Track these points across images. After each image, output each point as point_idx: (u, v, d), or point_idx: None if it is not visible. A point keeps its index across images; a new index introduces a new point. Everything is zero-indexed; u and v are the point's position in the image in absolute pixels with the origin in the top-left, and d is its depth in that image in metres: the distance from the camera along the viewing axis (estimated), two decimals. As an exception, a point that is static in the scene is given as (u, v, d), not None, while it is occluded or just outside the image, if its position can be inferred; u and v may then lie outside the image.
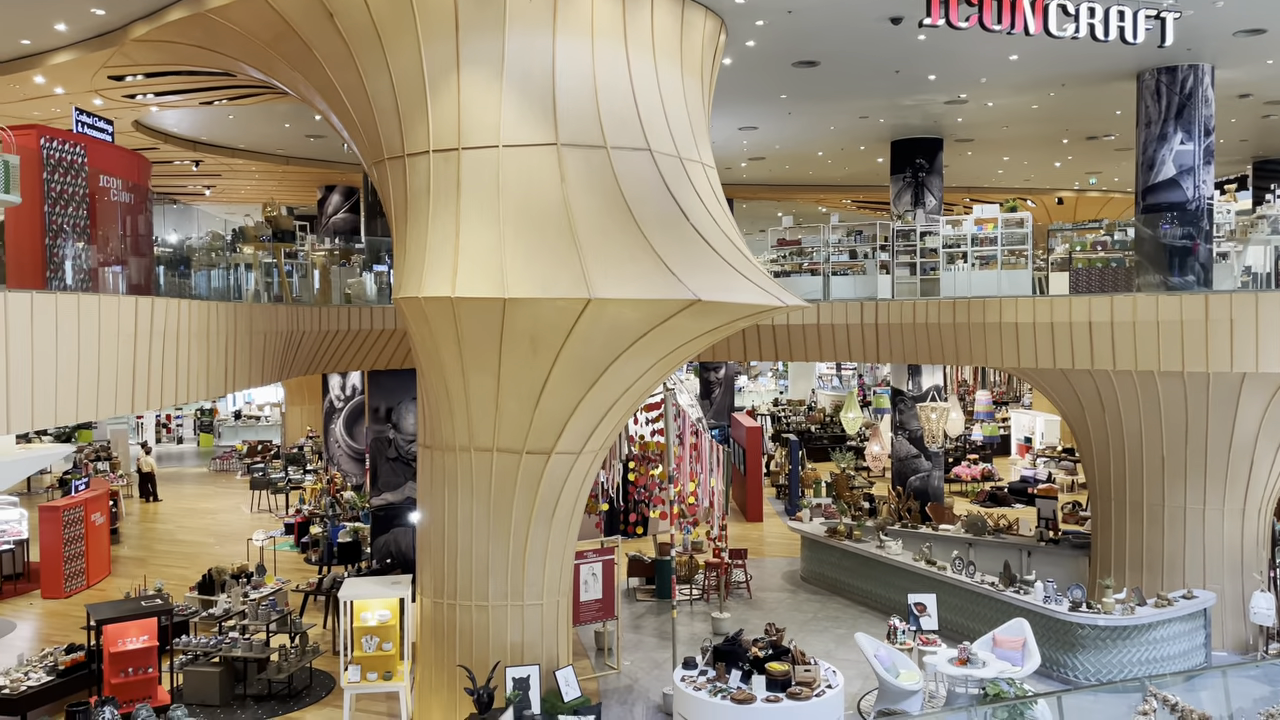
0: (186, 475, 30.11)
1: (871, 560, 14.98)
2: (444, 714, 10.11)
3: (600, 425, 9.89)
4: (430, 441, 10.38)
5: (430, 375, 10.01)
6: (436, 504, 10.29)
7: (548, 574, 10.24)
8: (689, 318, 8.76)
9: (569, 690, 10.02)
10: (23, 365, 6.53)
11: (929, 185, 18.43)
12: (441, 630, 10.24)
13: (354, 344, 14.01)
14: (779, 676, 9.57)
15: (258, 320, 10.89)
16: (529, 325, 9.00)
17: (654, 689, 11.93)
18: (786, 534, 20.21)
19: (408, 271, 9.63)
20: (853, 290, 15.90)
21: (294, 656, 11.80)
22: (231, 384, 10.08)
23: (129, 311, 7.83)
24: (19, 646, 13.84)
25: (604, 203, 8.98)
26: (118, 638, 9.79)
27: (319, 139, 17.86)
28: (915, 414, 18.35)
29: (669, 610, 15.14)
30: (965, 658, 10.73)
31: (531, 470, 9.89)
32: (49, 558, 16.15)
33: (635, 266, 8.72)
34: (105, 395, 7.45)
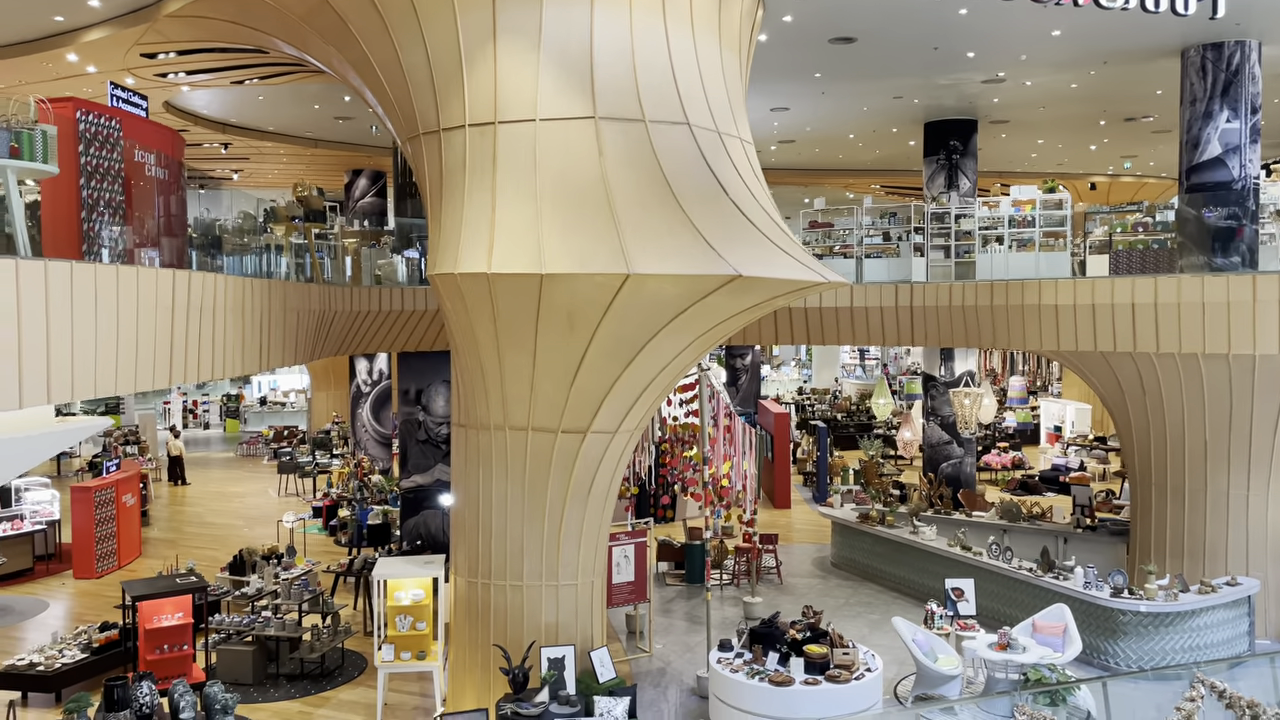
0: (213, 460, 30.28)
1: (904, 546, 14.80)
2: (477, 694, 10.04)
3: (636, 404, 9.77)
4: (464, 420, 10.30)
5: (465, 353, 9.92)
6: (471, 483, 10.20)
7: (582, 554, 10.14)
8: (729, 294, 8.61)
9: (604, 671, 9.92)
10: (62, 336, 6.47)
11: (963, 167, 18.15)
12: (475, 610, 10.17)
13: (385, 325, 13.95)
14: (817, 659, 9.44)
15: (291, 298, 10.83)
16: (566, 302, 8.88)
17: (687, 672, 11.83)
18: (814, 521, 20.06)
19: (443, 248, 9.52)
20: (886, 273, 15.70)
21: (326, 636, 11.78)
22: (266, 361, 10.03)
23: (166, 284, 7.77)
24: (52, 625, 13.93)
25: (642, 177, 8.83)
26: (153, 614, 9.79)
27: (348, 121, 17.80)
28: (948, 400, 18.12)
29: (699, 595, 15.08)
30: (1005, 643, 10.56)
31: (566, 449, 9.78)
32: (81, 538, 16.24)
33: (674, 241, 8.57)
34: (144, 367, 7.40)
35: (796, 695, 9.20)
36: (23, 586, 15.88)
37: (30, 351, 6.18)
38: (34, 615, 14.51)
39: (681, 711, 10.72)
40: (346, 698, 11.16)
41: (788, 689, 9.21)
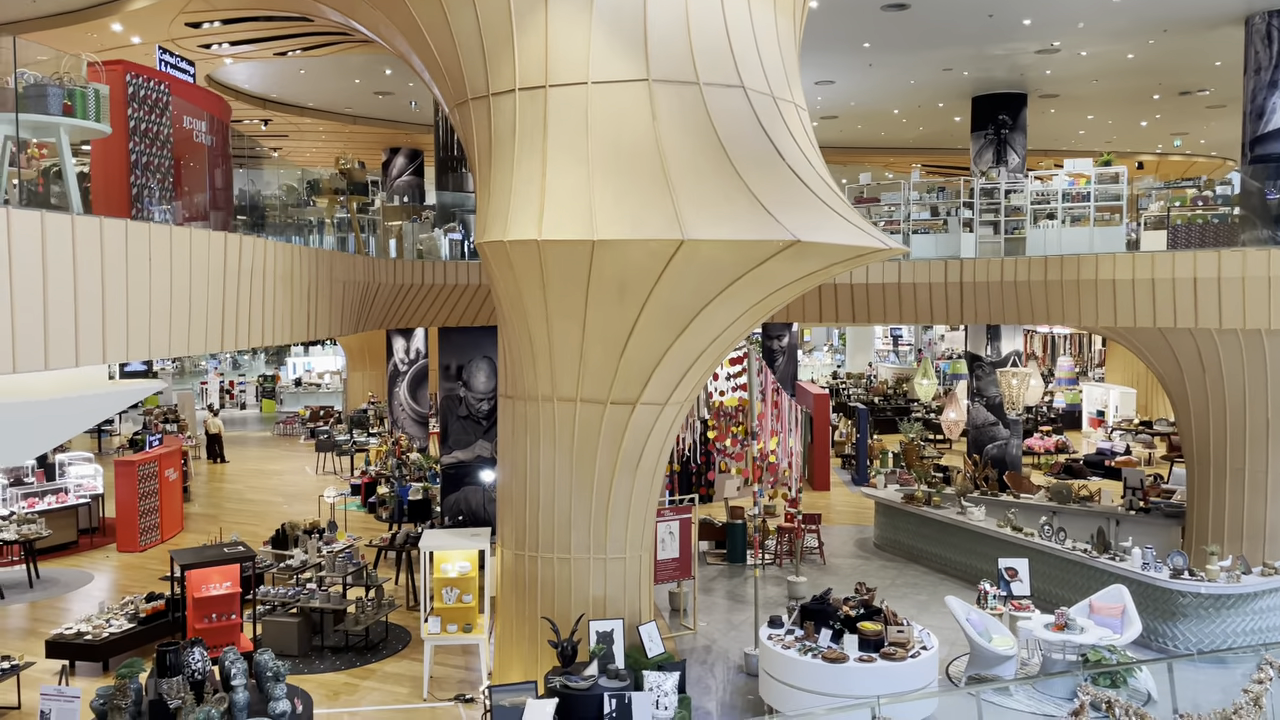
0: (250, 439, 30.49)
1: (951, 526, 14.54)
2: (524, 667, 9.94)
3: (687, 375, 9.58)
4: (511, 391, 10.17)
5: (513, 323, 9.77)
6: (518, 455, 10.08)
7: (630, 528, 9.99)
8: (786, 260, 8.39)
9: (652, 646, 9.79)
10: (117, 295, 6.39)
11: (1012, 142, 17.74)
12: (522, 583, 10.06)
13: (427, 299, 13.86)
14: (872, 636, 9.24)
15: (337, 268, 10.74)
16: (617, 269, 8.70)
17: (733, 649, 11.67)
18: (854, 503, 19.82)
19: (491, 215, 9.38)
20: (934, 249, 15.38)
21: (370, 609, 11.74)
22: (313, 329, 9.95)
23: (218, 247, 7.68)
24: (96, 597, 14.03)
25: (697, 141, 8.62)
26: (201, 583, 9.77)
27: (387, 96, 17.70)
28: (993, 380, 17.78)
29: (740, 574, 14.92)
30: (1063, 623, 10.31)
31: (616, 421, 9.62)
32: (125, 511, 16.34)
33: (730, 207, 8.36)
34: (195, 331, 7.32)
35: (851, 672, 9.02)
36: (67, 559, 16.01)
37: (86, 310, 6.10)
38: (79, 587, 14.62)
39: (730, 688, 10.57)
40: (391, 670, 11.12)
41: (842, 666, 9.02)
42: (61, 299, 5.89)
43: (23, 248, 5.57)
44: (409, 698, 10.37)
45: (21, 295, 5.57)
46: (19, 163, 7.25)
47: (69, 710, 7.55)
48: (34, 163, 8.29)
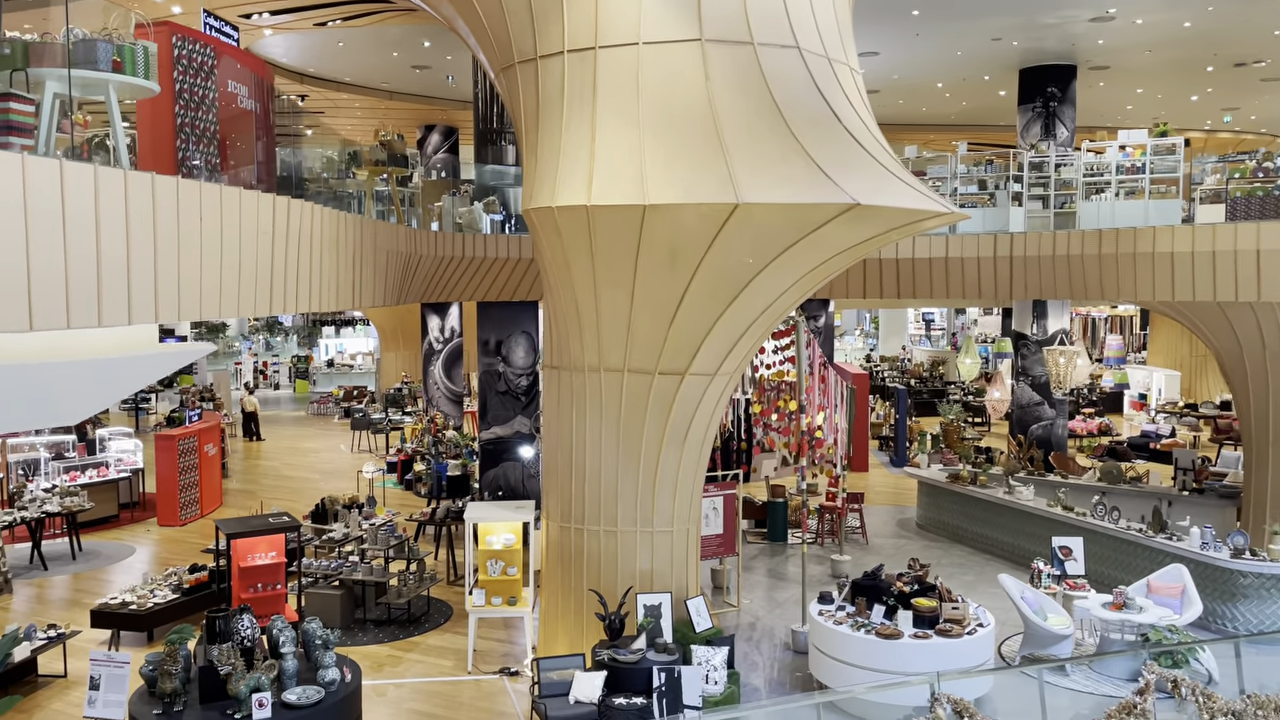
0: (284, 418, 30.64)
1: (998, 506, 14.26)
2: (570, 640, 9.82)
3: (737, 345, 9.38)
4: (557, 362, 10.01)
5: (559, 292, 9.61)
6: (563, 427, 9.93)
7: (678, 501, 9.82)
8: (843, 225, 8.15)
9: (700, 621, 9.63)
10: (169, 254, 6.29)
11: (1061, 115, 17.31)
12: (568, 556, 9.93)
13: (467, 272, 13.73)
14: (927, 613, 9.03)
15: (381, 237, 10.62)
16: (668, 235, 8.50)
17: (778, 627, 11.50)
18: (893, 483, 19.56)
19: (539, 181, 9.21)
20: (982, 224, 15.04)
21: (412, 583, 11.68)
22: (358, 298, 9.84)
23: (267, 209, 7.57)
24: (138, 569, 14.09)
25: (751, 103, 8.39)
26: (247, 553, 9.73)
27: (424, 70, 17.56)
28: (1040, 359, 17.41)
29: (781, 552, 14.74)
30: (1121, 602, 10.05)
31: (664, 392, 9.45)
32: (165, 486, 16.41)
33: (786, 169, 8.14)
34: (245, 293, 7.22)
35: (905, 649, 8.81)
36: (109, 532, 16.11)
37: (138, 267, 6.00)
38: (121, 559, 14.69)
39: (777, 665, 10.40)
40: (434, 643, 11.04)
41: (896, 642, 8.82)
42: (114, 255, 5.78)
43: (75, 202, 5.47)
44: (453, 670, 10.29)
45: (75, 250, 5.46)
46: (64, 128, 7.16)
47: (119, 676, 7.51)
48: (79, 130, 8.22)
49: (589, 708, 8.55)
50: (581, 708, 8.56)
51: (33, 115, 6.17)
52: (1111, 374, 26.68)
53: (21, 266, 5.11)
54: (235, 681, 7.18)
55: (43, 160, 5.31)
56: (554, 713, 8.47)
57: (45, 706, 9.54)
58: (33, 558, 14.19)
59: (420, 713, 9.29)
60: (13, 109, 6.01)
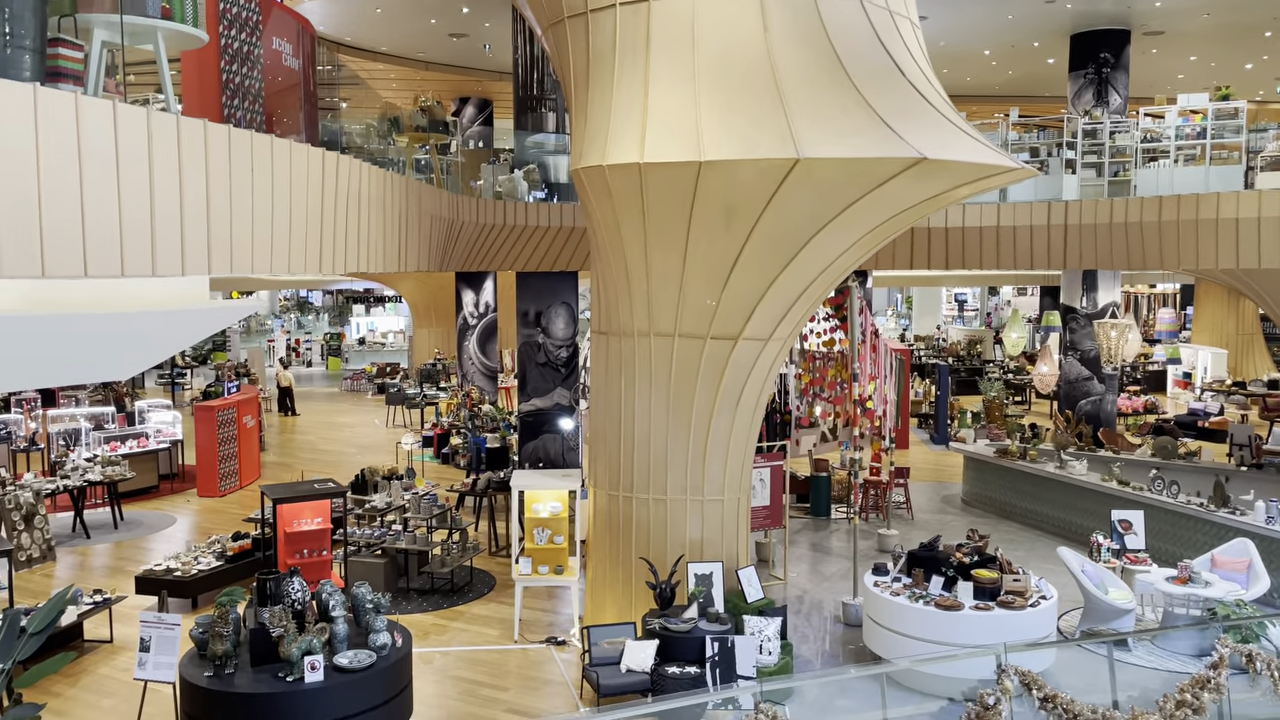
0: (317, 394, 30.71)
1: (1049, 481, 13.93)
2: (618, 609, 9.65)
3: (792, 309, 9.12)
4: (605, 327, 9.80)
5: (609, 255, 9.38)
6: (612, 393, 9.73)
7: (729, 469, 9.61)
8: (909, 180, 7.85)
9: (752, 591, 9.43)
10: (221, 204, 6.12)
11: (1113, 82, 16.80)
12: (616, 524, 9.75)
13: (509, 240, 13.54)
14: (988, 584, 8.77)
15: (425, 201, 10.44)
16: (724, 193, 8.25)
17: (826, 600, 11.28)
18: (933, 460, 19.24)
19: (589, 139, 8.97)
20: (1034, 191, 14.63)
21: (456, 552, 11.56)
22: (404, 261, 9.66)
23: (317, 164, 7.39)
24: (180, 538, 14.09)
25: (811, 54, 8.10)
26: (293, 518, 9.63)
27: (461, 38, 17.33)
28: (1089, 333, 16.99)
29: (825, 527, 14.50)
30: (1186, 576, 9.74)
31: (715, 357, 9.21)
32: (204, 457, 16.41)
33: (849, 122, 7.85)
34: (296, 248, 7.05)
35: (966, 620, 8.56)
36: (149, 503, 16.14)
37: (191, 217, 5.83)
38: (162, 529, 14.70)
39: (829, 638, 10.18)
40: (479, 612, 10.92)
41: (956, 614, 8.58)
42: (167, 202, 5.62)
43: (129, 144, 5.30)
44: (499, 639, 10.16)
45: (129, 194, 5.30)
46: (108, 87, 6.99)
47: (169, 638, 7.42)
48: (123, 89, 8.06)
49: (641, 677, 8.39)
50: (633, 677, 8.40)
51: (81, 63, 6.01)
52: (1164, 348, 26.07)
53: (76, 209, 4.95)
54: (287, 644, 7.06)
55: (97, 100, 5.14)
56: (606, 681, 8.31)
57: (92, 671, 9.50)
58: (75, 526, 14.23)
59: (467, 680, 9.16)
60: (62, 55, 5.84)
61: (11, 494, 12.59)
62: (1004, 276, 35.15)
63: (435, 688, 8.96)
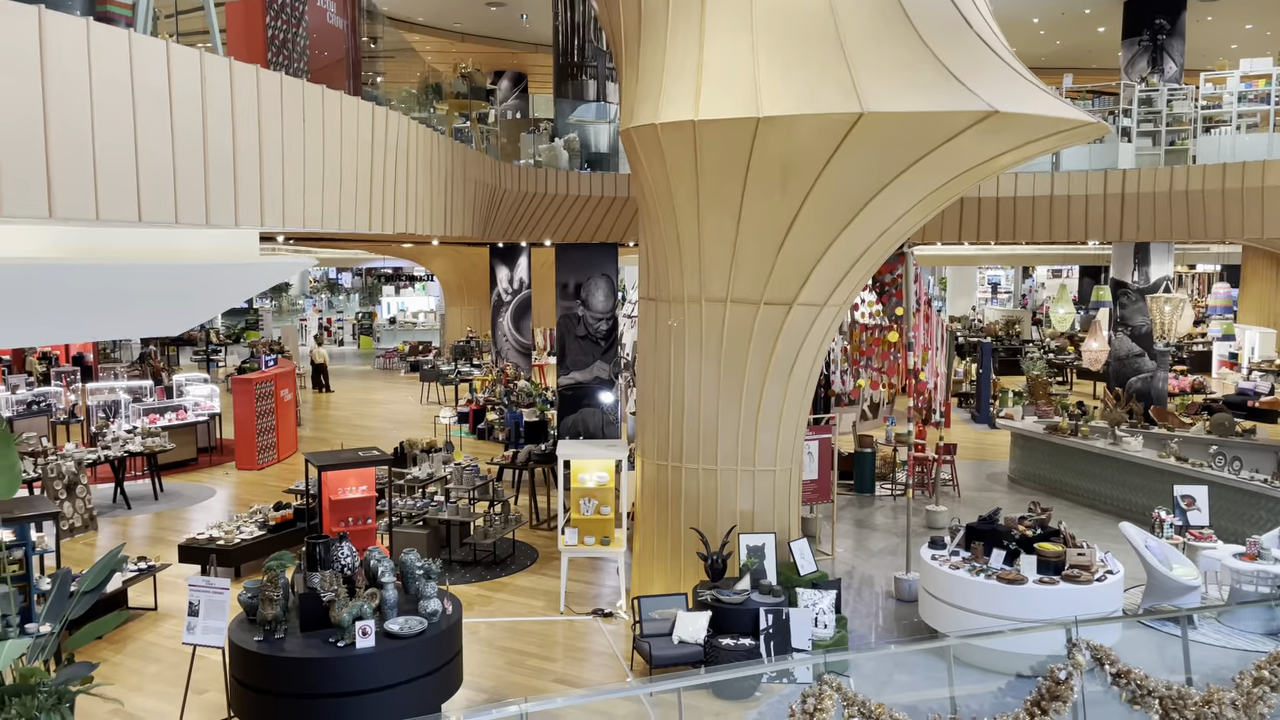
0: (350, 372, 30.72)
1: (1103, 458, 13.57)
2: (666, 581, 9.46)
3: (849, 273, 8.84)
4: (654, 294, 9.57)
5: (659, 218, 9.14)
6: (660, 362, 9.50)
7: (781, 439, 9.36)
8: (978, 135, 7.53)
9: (804, 564, 9.20)
10: (273, 155, 5.94)
11: (1169, 49, 16.28)
12: (664, 495, 9.54)
13: (549, 210, 13.32)
14: (1053, 558, 8.48)
15: (470, 165, 10.24)
16: (782, 151, 7.97)
17: (876, 575, 11.03)
18: (975, 439, 18.87)
19: (640, 98, 8.71)
20: (1088, 160, 14.21)
21: (498, 523, 11.41)
22: (449, 225, 9.46)
23: (366, 117, 7.19)
24: (220, 509, 14.05)
25: (874, 6, 7.78)
26: (337, 486, 9.50)
27: (499, 7, 17.07)
28: (1140, 308, 16.55)
29: (869, 504, 14.24)
30: (1256, 553, 9.39)
31: (769, 323, 8.96)
32: (243, 429, 16.38)
33: (914, 75, 7.54)
34: (346, 205, 6.87)
35: (1030, 594, 8.29)
36: (188, 475, 16.14)
37: (244, 167, 5.65)
38: (201, 500, 14.68)
39: (882, 613, 9.94)
40: (523, 584, 10.78)
41: (1020, 588, 8.30)
42: (220, 151, 5.44)
43: (182, 86, 5.11)
44: (544, 611, 10.00)
45: (182, 139, 5.12)
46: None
47: (218, 602, 7.31)
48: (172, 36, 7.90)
49: (694, 648, 8.20)
50: (686, 648, 8.21)
51: (130, 8, 5.84)
52: (1219, 324, 25.46)
53: (130, 152, 4.78)
54: (338, 609, 6.92)
55: (150, 39, 4.95)
56: (658, 652, 8.13)
57: (136, 638, 9.45)
58: (116, 497, 14.23)
59: (515, 650, 9.01)
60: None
61: (54, 463, 12.58)
62: (1042, 256, 34.55)
63: (482, 657, 8.81)
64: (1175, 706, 7.14)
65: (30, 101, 4.22)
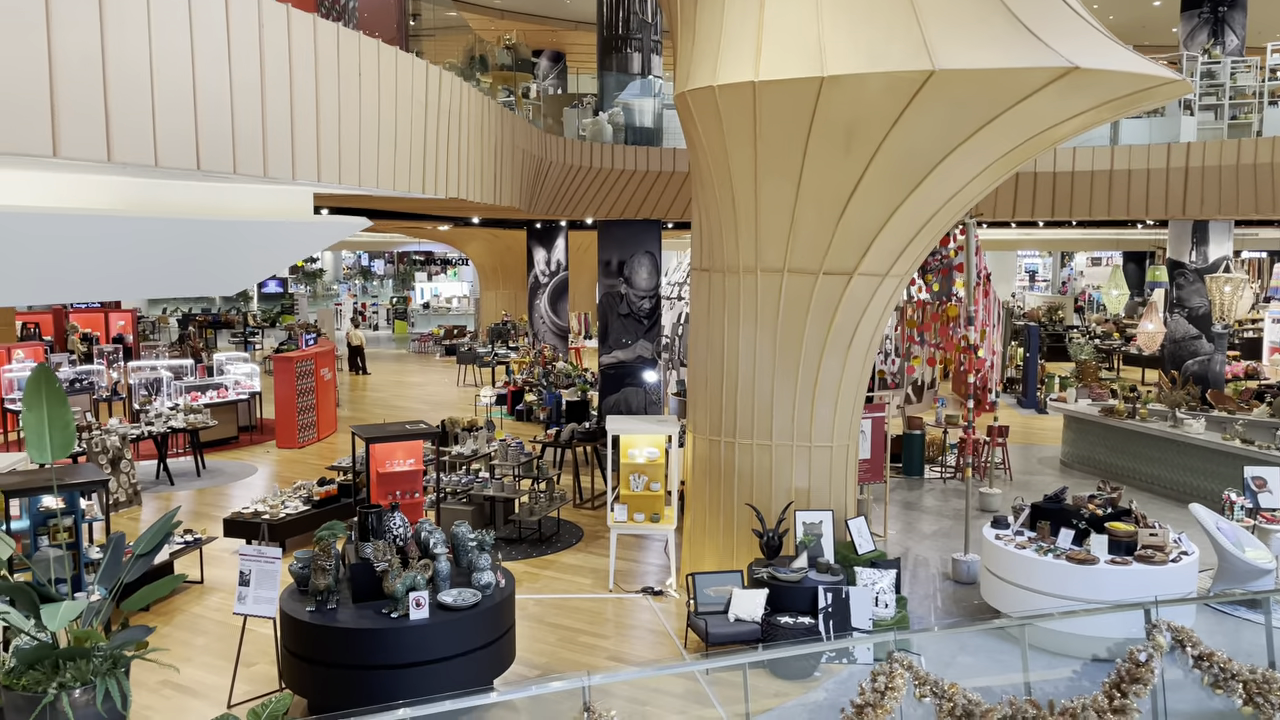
0: (385, 355, 30.74)
1: (1162, 441, 13.16)
2: (717, 559, 9.24)
3: (913, 242, 8.55)
4: (707, 264, 9.32)
5: (714, 185, 8.88)
6: (714, 333, 9.26)
7: (838, 414, 9.09)
8: (1055, 94, 7.21)
9: (862, 543, 8.94)
10: (330, 110, 5.75)
11: (1230, 21, 15.73)
12: (716, 471, 9.31)
13: (593, 185, 13.09)
14: (1124, 538, 8.16)
15: (518, 133, 10.03)
16: (847, 112, 7.68)
17: (930, 557, 10.75)
18: (1022, 423, 18.47)
19: (696, 60, 8.46)
20: (1148, 134, 13.75)
21: (543, 501, 11.23)
22: (499, 193, 9.26)
23: (421, 75, 7.00)
24: (261, 486, 13.99)
25: (945, -40, 7.45)
26: (385, 458, 9.36)
27: (540, -17, 16.84)
28: (1198, 289, 16.06)
29: (919, 486, 13.94)
30: (1334, 536, 9.00)
31: (828, 294, 8.68)
32: (284, 408, 16.33)
33: (988, 30, 7.22)
34: (400, 165, 6.68)
35: (1102, 575, 7.97)
36: (229, 453, 16.12)
37: (301, 120, 5.47)
38: (243, 478, 14.64)
39: (940, 594, 9.66)
40: (569, 561, 10.60)
41: (1091, 568, 7.98)
42: (278, 101, 5.25)
43: (240, 32, 4.93)
44: (592, 588, 9.81)
45: (240, 87, 4.94)
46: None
47: (269, 571, 7.17)
48: None
49: (750, 626, 7.97)
50: (743, 626, 7.98)
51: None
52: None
53: (188, 97, 4.60)
54: (391, 579, 6.76)
55: (206, -23, 4.77)
56: (715, 629, 7.91)
57: (183, 610, 9.37)
58: (159, 473, 14.23)
59: (566, 627, 8.83)
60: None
61: (98, 438, 12.56)
62: (1084, 241, 33.89)
63: (533, 633, 8.64)
64: (1260, 691, 6.82)
65: (89, 38, 4.05)
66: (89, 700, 5.10)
